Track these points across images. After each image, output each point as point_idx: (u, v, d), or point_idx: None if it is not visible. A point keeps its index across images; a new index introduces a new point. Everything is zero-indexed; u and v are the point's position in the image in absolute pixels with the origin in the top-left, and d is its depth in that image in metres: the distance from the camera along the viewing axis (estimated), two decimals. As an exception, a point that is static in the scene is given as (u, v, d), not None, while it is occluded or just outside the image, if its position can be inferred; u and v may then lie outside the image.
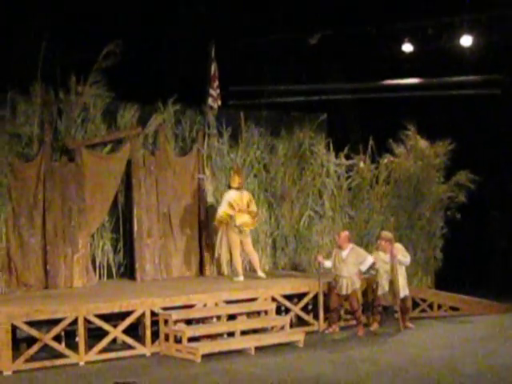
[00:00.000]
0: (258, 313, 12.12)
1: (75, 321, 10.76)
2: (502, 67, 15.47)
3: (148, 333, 11.19)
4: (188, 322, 11.49)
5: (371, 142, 15.00)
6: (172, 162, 14.03)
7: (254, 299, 12.19)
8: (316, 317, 12.79)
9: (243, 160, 14.53)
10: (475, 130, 15.76)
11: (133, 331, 11.40)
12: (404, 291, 12.61)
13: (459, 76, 15.81)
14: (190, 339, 11.05)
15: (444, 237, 15.09)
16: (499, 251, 16.51)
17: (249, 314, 12.01)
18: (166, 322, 11.24)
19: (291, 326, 12.28)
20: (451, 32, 15.05)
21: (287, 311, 12.74)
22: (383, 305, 12.81)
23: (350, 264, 12.52)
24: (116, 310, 11.12)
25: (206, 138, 14.36)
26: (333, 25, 15.27)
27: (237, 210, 13.27)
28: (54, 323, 10.71)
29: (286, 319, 12.13)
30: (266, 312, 12.10)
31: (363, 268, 12.63)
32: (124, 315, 11.22)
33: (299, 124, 15.24)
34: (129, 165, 13.61)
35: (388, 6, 15.06)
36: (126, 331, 11.21)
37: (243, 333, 11.59)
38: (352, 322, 12.85)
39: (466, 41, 15.00)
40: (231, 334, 11.55)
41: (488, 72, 15.63)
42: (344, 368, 10.38)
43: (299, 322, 12.90)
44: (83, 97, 13.15)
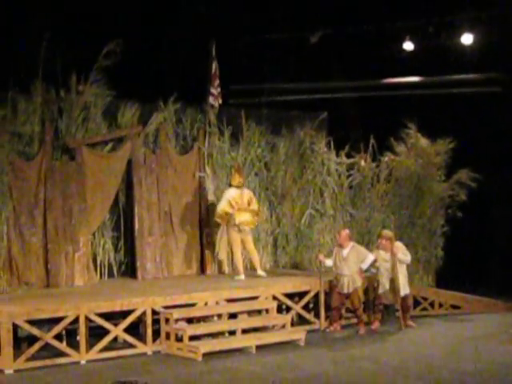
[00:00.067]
0: (259, 311, 12.13)
1: (76, 319, 10.76)
2: (503, 65, 15.47)
3: (149, 331, 11.19)
4: (189, 321, 11.49)
5: (372, 141, 14.98)
6: (173, 161, 14.03)
7: (255, 298, 12.19)
8: (317, 315, 12.79)
9: (244, 158, 14.53)
10: (476, 128, 15.74)
11: (134, 330, 11.39)
12: (405, 290, 12.61)
13: (460, 74, 15.83)
14: (191, 338, 11.05)
15: (445, 235, 15.09)
16: (500, 249, 16.50)
17: (250, 313, 12.01)
18: (167, 321, 11.24)
19: (292, 325, 12.26)
20: (452, 30, 15.06)
21: (288, 310, 12.73)
22: (384, 303, 12.81)
23: (351, 262, 12.53)
24: (117, 309, 11.13)
25: (207, 137, 14.36)
26: (333, 23, 15.28)
27: (236, 209, 13.26)
28: (55, 322, 10.71)
29: (287, 318, 12.13)
30: (267, 310, 12.10)
31: (364, 266, 12.63)
32: (125, 314, 11.23)
33: (300, 122, 15.23)
34: (130, 163, 13.61)
35: (389, 4, 15.05)
36: (127, 330, 11.22)
37: (244, 331, 11.58)
38: (353, 321, 12.85)
39: (467, 39, 15.02)
40: (232, 333, 11.55)
41: (488, 70, 15.64)
42: (345, 366, 10.39)
43: (300, 321, 12.91)
44: (84, 96, 13.14)
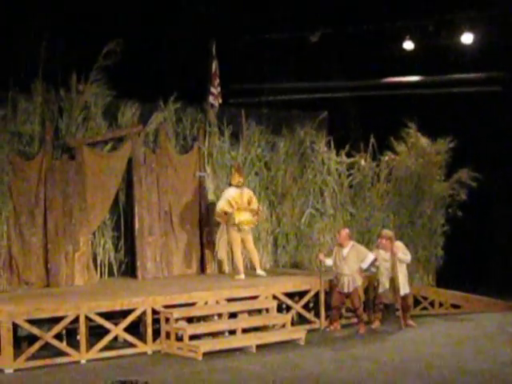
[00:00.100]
0: (260, 311, 12.13)
1: (76, 319, 10.76)
2: (503, 64, 15.47)
3: (149, 331, 11.19)
4: (189, 320, 11.49)
5: (372, 140, 14.97)
6: (173, 160, 14.03)
7: (256, 297, 12.19)
8: (317, 315, 12.79)
9: (244, 158, 14.53)
10: (476, 128, 15.74)
11: (134, 329, 11.39)
12: (405, 289, 12.61)
13: (460, 73, 15.82)
14: (192, 337, 11.05)
15: (445, 234, 15.08)
16: (500, 249, 16.50)
17: (250, 312, 12.01)
18: (168, 320, 11.24)
19: (292, 324, 12.26)
20: (452, 29, 15.06)
21: (288, 309, 12.73)
22: (384, 302, 12.81)
23: (351, 262, 12.53)
24: (117, 308, 11.13)
25: (207, 136, 14.36)
26: (333, 22, 15.27)
27: (236, 208, 13.26)
28: (56, 321, 10.71)
29: (288, 317, 12.12)
30: (268, 310, 12.10)
31: (364, 265, 12.63)
32: (125, 313, 11.22)
33: (300, 122, 15.23)
34: (130, 163, 13.62)
35: (389, 4, 15.05)
36: (128, 329, 11.21)
37: (244, 331, 11.58)
38: (353, 320, 12.85)
39: (467, 38, 15.01)
40: (232, 332, 11.54)
41: (489, 69, 15.64)
42: (345, 366, 10.38)
43: (300, 320, 12.91)
44: (84, 95, 13.15)
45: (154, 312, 11.31)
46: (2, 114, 12.44)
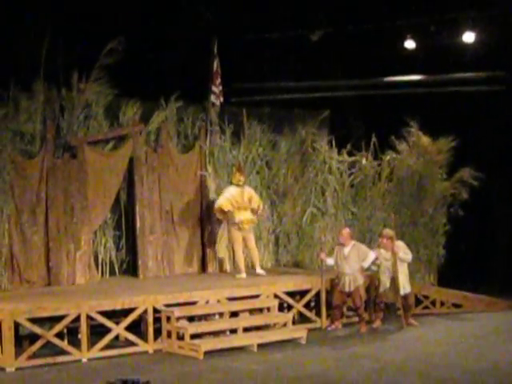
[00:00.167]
0: (261, 310, 12.13)
1: (78, 318, 10.76)
2: (505, 63, 15.44)
3: (150, 330, 11.19)
4: (190, 319, 11.49)
5: (374, 139, 14.97)
6: (174, 159, 14.03)
7: (257, 296, 12.19)
8: (318, 314, 12.80)
9: (245, 157, 14.52)
10: (478, 127, 15.73)
11: (135, 328, 11.40)
12: (405, 288, 12.60)
13: (461, 72, 15.79)
14: (193, 336, 11.06)
15: (446, 234, 15.07)
16: (502, 248, 16.49)
17: (251, 311, 12.02)
18: (169, 319, 11.24)
19: (294, 323, 12.28)
20: (453, 28, 15.03)
21: (290, 308, 12.73)
22: (385, 302, 12.80)
23: (352, 261, 12.52)
24: (118, 307, 11.13)
25: (209, 135, 14.35)
26: (335, 21, 15.26)
27: (236, 207, 13.25)
28: (57, 320, 10.72)
29: (289, 316, 12.13)
30: (269, 309, 12.10)
31: (365, 264, 12.63)
32: (126, 312, 11.23)
33: (302, 121, 15.22)
34: (131, 162, 13.61)
35: (390, 3, 15.03)
36: (129, 328, 11.23)
37: (246, 330, 11.59)
38: (354, 319, 12.85)
39: (469, 37, 14.98)
40: (234, 331, 11.55)
41: (490, 68, 15.61)
42: (346, 365, 10.38)
43: (302, 319, 12.90)
44: (85, 94, 13.14)
45: (155, 311, 11.31)
46: (4, 113, 12.43)
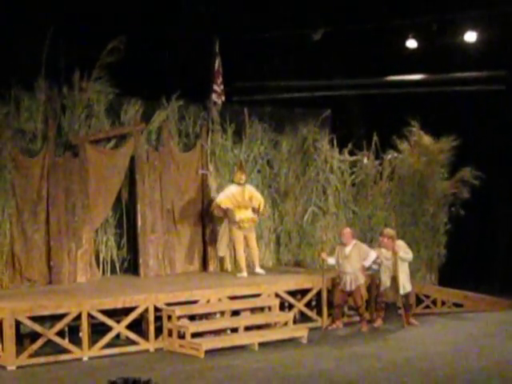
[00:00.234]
0: (262, 309, 12.14)
1: (79, 316, 10.77)
2: (507, 63, 15.43)
3: (151, 328, 11.20)
4: (191, 318, 11.50)
5: (375, 138, 14.96)
6: (176, 158, 14.03)
7: (258, 295, 12.19)
8: (319, 313, 12.79)
9: (247, 156, 14.52)
10: (479, 126, 15.72)
11: (136, 327, 11.41)
12: (406, 288, 12.60)
13: (463, 72, 15.78)
14: (194, 335, 11.07)
15: (448, 233, 15.07)
16: (503, 247, 16.48)
17: (252, 310, 12.02)
18: (170, 318, 11.25)
19: (295, 322, 12.28)
20: (455, 28, 15.03)
21: (291, 307, 12.73)
22: (386, 301, 12.80)
23: (354, 260, 12.52)
24: (119, 306, 11.14)
25: (210, 134, 14.34)
26: (336, 21, 15.25)
27: (236, 206, 13.25)
28: (58, 318, 10.73)
29: (290, 315, 12.13)
30: (270, 308, 12.11)
31: (366, 263, 12.62)
32: (127, 311, 11.24)
33: (303, 120, 15.21)
34: (132, 160, 13.61)
35: (392, 2, 15.03)
36: (130, 327, 11.23)
37: (247, 329, 11.60)
38: (355, 319, 12.85)
39: (470, 37, 14.98)
40: (235, 330, 11.56)
41: (492, 68, 15.60)
42: (347, 364, 10.39)
43: (303, 318, 12.89)
44: (87, 93, 13.15)
45: (156, 309, 11.31)
46: (5, 112, 12.44)
